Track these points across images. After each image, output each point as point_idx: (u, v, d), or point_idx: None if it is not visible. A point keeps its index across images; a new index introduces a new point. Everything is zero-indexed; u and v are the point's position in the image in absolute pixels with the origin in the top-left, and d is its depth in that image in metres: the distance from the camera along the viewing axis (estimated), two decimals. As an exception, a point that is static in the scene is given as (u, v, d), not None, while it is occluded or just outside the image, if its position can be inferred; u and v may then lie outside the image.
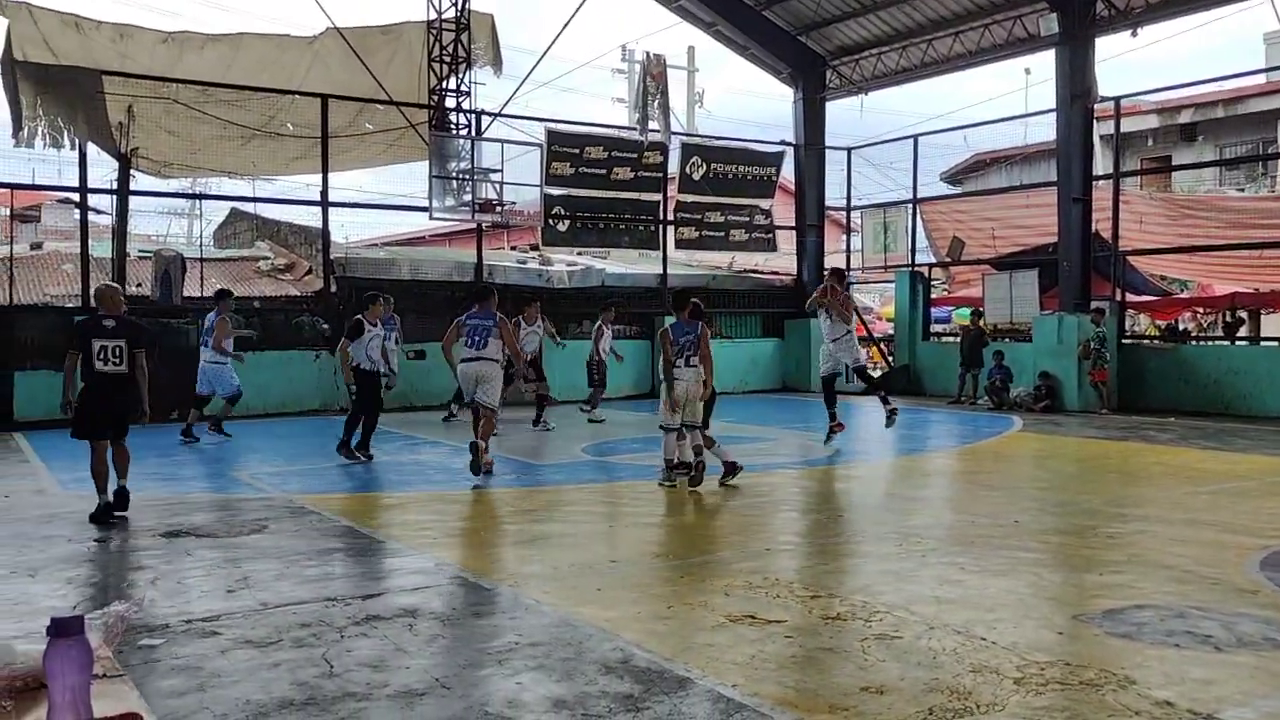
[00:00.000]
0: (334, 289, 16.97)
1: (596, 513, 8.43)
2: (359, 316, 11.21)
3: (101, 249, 16.67)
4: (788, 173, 22.41)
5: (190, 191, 19.56)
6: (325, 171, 16.70)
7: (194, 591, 5.53)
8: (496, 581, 5.76)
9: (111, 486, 7.66)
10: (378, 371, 11.26)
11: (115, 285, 8.76)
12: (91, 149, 15.28)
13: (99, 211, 18.41)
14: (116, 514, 7.57)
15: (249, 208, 20.95)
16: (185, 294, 16.15)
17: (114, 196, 16.06)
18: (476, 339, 9.79)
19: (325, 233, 16.95)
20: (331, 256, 17.06)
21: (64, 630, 1.49)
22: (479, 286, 12.36)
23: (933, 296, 21.92)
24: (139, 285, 16.66)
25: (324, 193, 16.80)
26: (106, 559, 6.38)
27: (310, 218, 18.38)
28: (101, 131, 15.38)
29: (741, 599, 5.33)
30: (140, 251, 18.11)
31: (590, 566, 6.14)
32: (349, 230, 19.82)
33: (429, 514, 8.24)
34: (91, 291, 15.06)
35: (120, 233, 15.81)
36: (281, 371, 16.07)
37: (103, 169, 16.13)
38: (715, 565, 6.13)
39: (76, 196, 15.79)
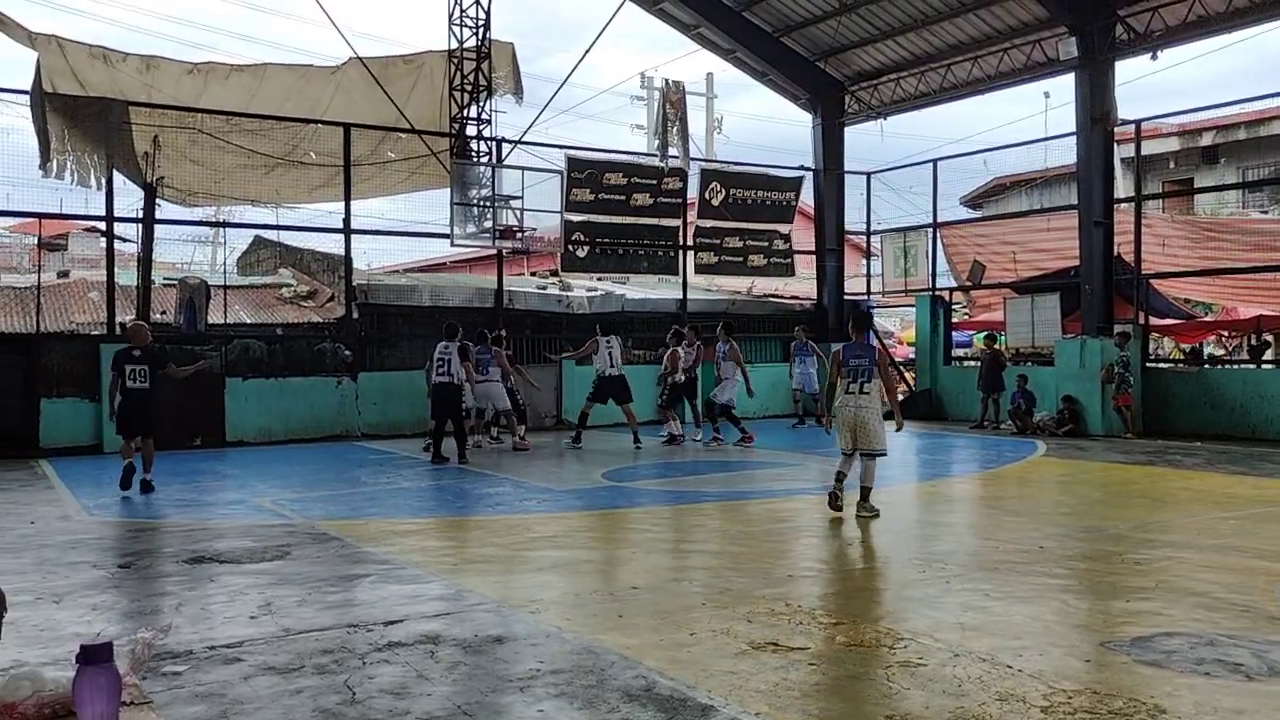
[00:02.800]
0: (356, 315, 17.07)
1: (617, 539, 8.41)
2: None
3: (127, 277, 16.86)
4: (807, 198, 22.44)
5: (214, 220, 19.75)
6: (348, 199, 16.86)
7: (217, 618, 5.55)
8: (517, 608, 5.75)
9: (137, 479, 10.46)
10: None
11: (142, 323, 11.48)
12: (118, 178, 15.49)
13: (125, 240, 18.67)
14: (145, 492, 10.36)
15: (272, 235, 21.13)
16: (210, 321, 16.30)
17: (140, 225, 16.26)
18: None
19: (348, 260, 17.08)
20: (354, 283, 17.18)
21: (93, 657, 1.50)
22: (446, 325, 13.94)
23: (954, 321, 21.83)
24: (163, 313, 16.83)
25: (346, 220, 16.95)
26: (131, 585, 6.41)
27: (333, 245, 18.54)
28: (128, 161, 15.59)
29: (764, 626, 5.29)
30: (165, 279, 18.29)
31: (611, 593, 6.11)
32: (371, 257, 19.95)
33: (450, 540, 8.25)
34: (117, 321, 15.29)
35: (146, 261, 15.99)
36: (304, 398, 16.16)
37: (129, 198, 16.36)
38: (737, 592, 6.09)
39: (103, 225, 16.00)
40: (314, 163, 17.17)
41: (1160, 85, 78.95)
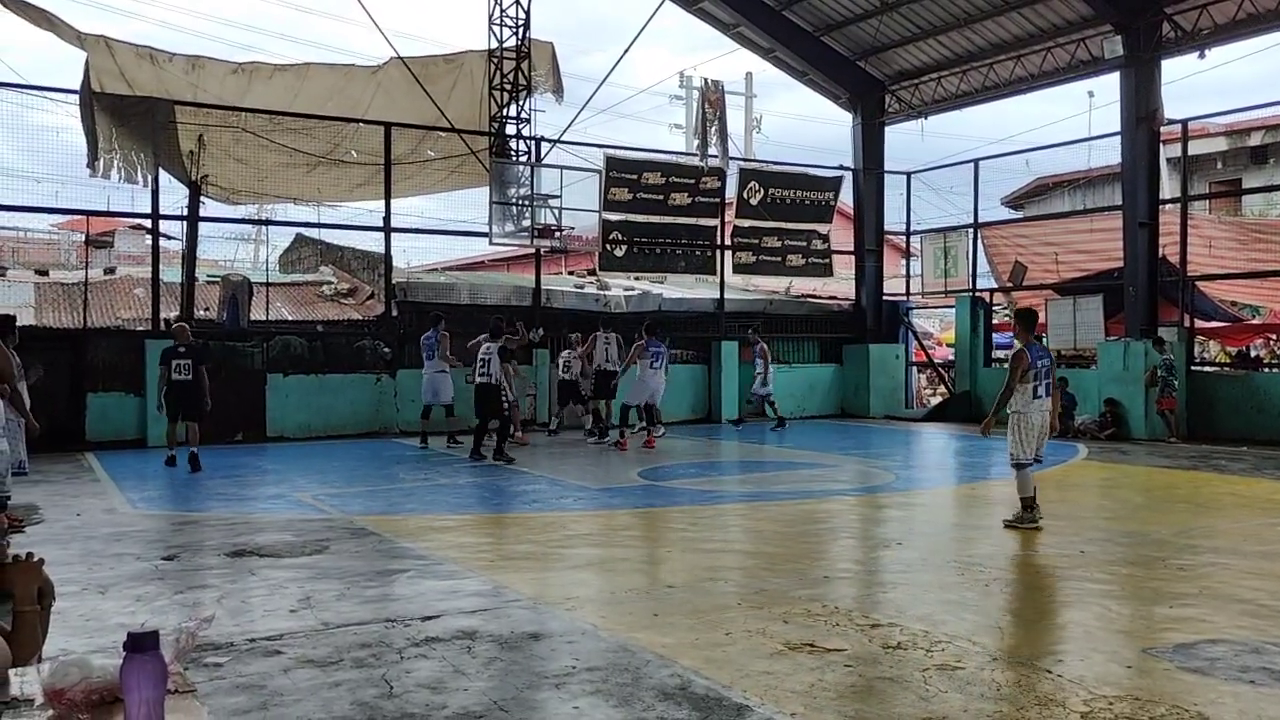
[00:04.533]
0: (395, 313, 17.22)
1: (653, 537, 8.42)
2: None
3: (171, 274, 17.12)
4: (846, 197, 22.31)
5: (257, 218, 20.01)
6: (388, 198, 17.00)
7: (257, 611, 5.62)
8: (553, 605, 5.77)
9: (184, 453, 12.08)
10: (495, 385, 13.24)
11: (184, 324, 12.92)
12: (163, 176, 15.73)
13: (169, 237, 18.95)
14: (193, 471, 11.81)
15: (313, 233, 21.37)
16: (252, 318, 16.51)
17: (184, 223, 16.51)
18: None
19: (387, 258, 17.23)
20: (393, 281, 17.33)
21: (140, 645, 1.53)
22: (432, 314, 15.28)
23: (994, 322, 21.61)
24: (206, 309, 17.07)
25: (386, 219, 17.11)
26: (174, 577, 6.51)
27: (373, 243, 18.72)
28: (173, 160, 15.83)
29: (800, 626, 5.27)
30: (208, 276, 18.56)
31: (647, 592, 6.12)
32: (410, 255, 20.20)
33: (487, 536, 8.29)
34: (162, 317, 15.55)
35: (190, 258, 16.22)
36: (343, 394, 16.32)
37: (174, 195, 16.61)
38: (773, 592, 6.08)
39: (149, 223, 16.25)
40: (355, 161, 17.33)
41: (1208, 84, 77.67)
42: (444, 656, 4.74)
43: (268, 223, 19.16)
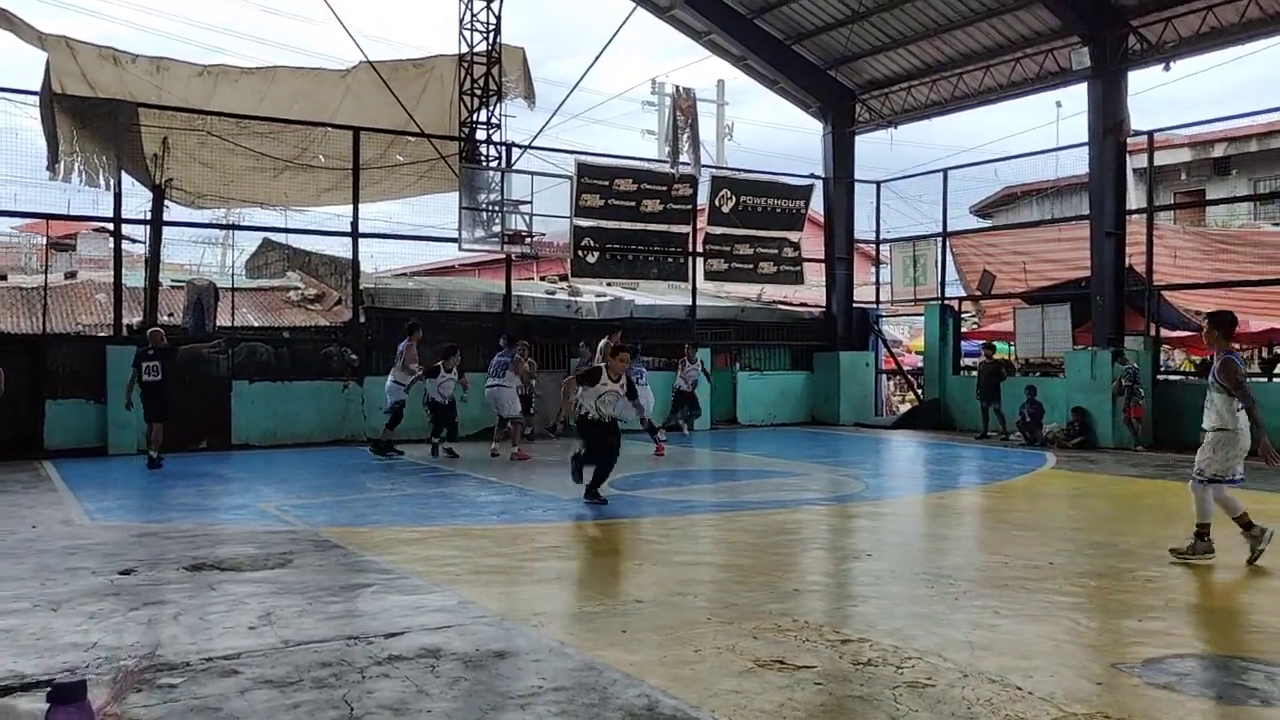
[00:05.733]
0: (363, 319, 17.04)
1: (622, 550, 8.33)
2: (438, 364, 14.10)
3: (135, 278, 16.85)
4: (817, 205, 22.37)
5: (223, 222, 19.76)
6: (356, 203, 16.84)
7: (216, 628, 5.48)
8: (520, 621, 5.67)
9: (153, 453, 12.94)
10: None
11: (159, 329, 13.69)
12: (126, 180, 15.49)
13: (134, 241, 18.65)
14: (151, 468, 12.68)
15: (280, 238, 21.14)
16: (217, 323, 16.29)
17: (148, 227, 16.25)
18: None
19: (355, 263, 17.06)
20: (361, 287, 17.15)
21: (65, 697, 1.43)
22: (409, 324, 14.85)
23: (963, 330, 21.73)
24: (170, 315, 16.83)
25: (354, 224, 16.94)
26: (130, 593, 6.35)
27: (340, 248, 18.53)
28: (137, 163, 15.59)
29: (770, 642, 5.21)
30: (173, 281, 18.30)
31: (615, 607, 6.04)
32: (378, 261, 19.95)
33: (453, 549, 8.18)
34: (124, 322, 15.32)
35: (154, 262, 15.98)
36: (310, 402, 16.13)
37: (137, 199, 16.37)
38: (744, 606, 6.01)
39: (111, 227, 15.99)
40: (323, 166, 17.16)
41: (1172, 96, 78.78)
42: (407, 676, 4.64)
43: (234, 227, 18.95)
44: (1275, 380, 19.35)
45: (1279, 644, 5.26)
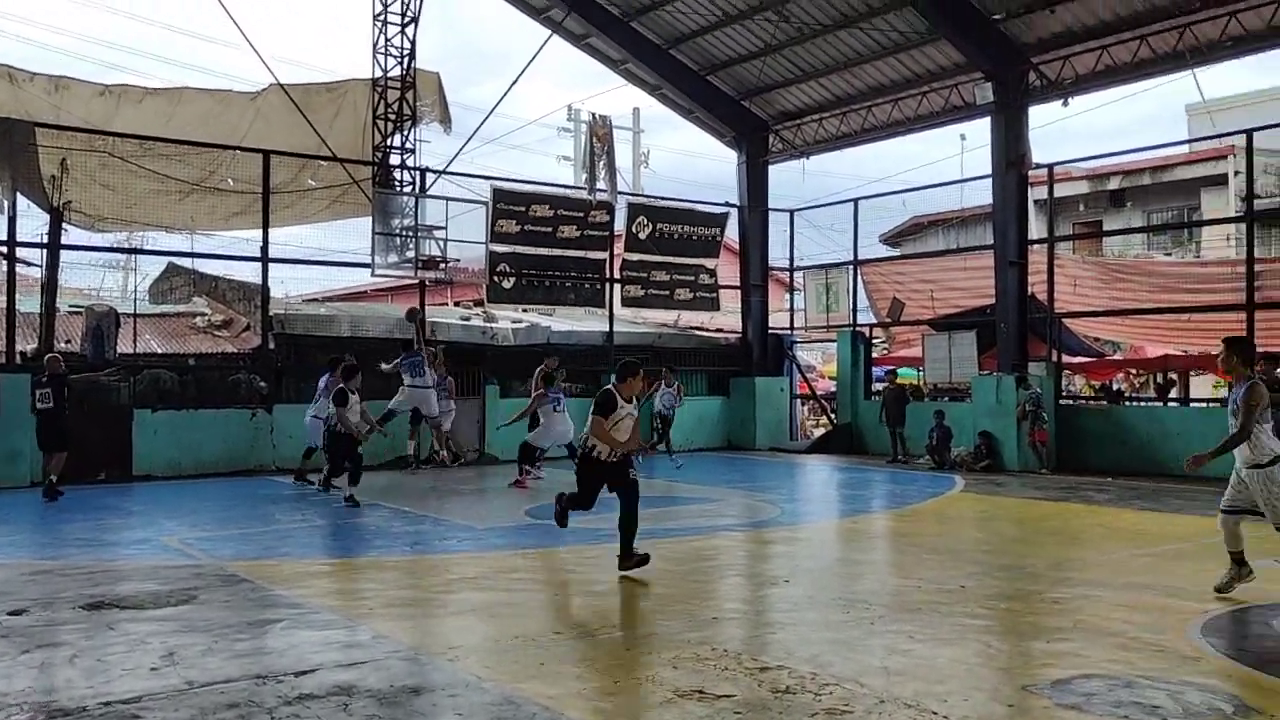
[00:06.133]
0: (272, 346, 16.66)
1: (539, 580, 8.25)
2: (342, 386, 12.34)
3: (30, 304, 16.20)
4: (732, 233, 22.65)
5: (125, 246, 19.14)
6: (266, 227, 16.49)
7: (115, 669, 5.26)
8: (436, 655, 5.57)
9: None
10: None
11: (57, 356, 13.23)
12: (21, 201, 14.93)
13: (30, 264, 17.93)
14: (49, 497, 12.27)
15: (186, 263, 20.56)
16: (119, 350, 15.74)
17: (44, 250, 15.66)
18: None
19: (265, 289, 16.67)
20: (270, 313, 16.77)
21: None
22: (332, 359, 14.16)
23: (874, 356, 22.15)
24: (68, 341, 16.19)
25: (264, 248, 16.58)
26: (21, 634, 6.05)
27: (250, 273, 18.09)
28: (33, 184, 15.04)
29: (690, 672, 5.20)
30: (71, 306, 17.62)
31: (533, 639, 5.96)
32: (289, 286, 19.58)
33: (366, 582, 8.00)
34: (17, 349, 14.71)
35: (50, 287, 15.39)
36: (216, 430, 15.67)
37: (33, 221, 15.75)
38: (662, 636, 5.99)
39: (4, 250, 15.35)
40: (231, 189, 16.78)
41: (1071, 130, 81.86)
42: (319, 715, 4.51)
43: (136, 251, 18.39)
44: (1170, 404, 20.15)
45: (1180, 663, 5.43)
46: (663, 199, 22.08)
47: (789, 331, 23.37)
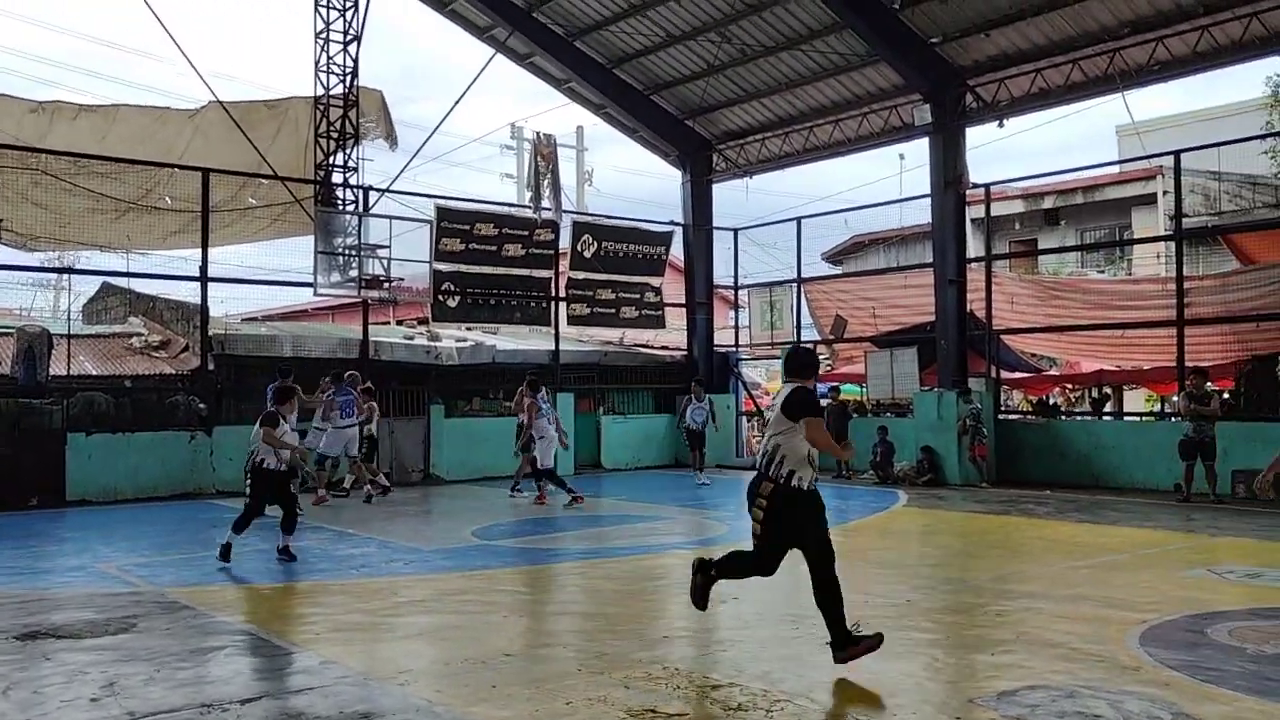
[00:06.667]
0: (212, 367, 16.38)
1: (488, 602, 8.19)
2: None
3: (-43, 325, 15.80)
4: (677, 251, 22.79)
5: (58, 265, 18.71)
6: (205, 246, 16.23)
7: (53, 701, 5.12)
8: (385, 680, 5.50)
9: None
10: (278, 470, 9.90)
11: None
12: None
13: (-43, 285, 17.47)
14: None
15: (122, 282, 20.15)
16: (51, 372, 15.36)
17: (-27, 270, 15.27)
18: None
19: (204, 309, 16.40)
20: (210, 333, 16.49)
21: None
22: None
23: (818, 373, 22.38)
24: (-2, 363, 15.78)
25: (203, 268, 16.31)
26: (-46, 666, 5.87)
27: (188, 293, 17.80)
28: (-39, 203, 14.67)
29: (642, 691, 5.21)
30: (1, 327, 17.18)
31: (483, 661, 5.93)
32: (229, 305, 19.20)
33: (312, 606, 7.89)
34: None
35: (-20, 308, 15.01)
36: (154, 453, 15.35)
37: (-39, 241, 15.37)
38: (614, 656, 5.99)
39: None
40: (169, 208, 16.52)
41: (1007, 150, 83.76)
42: (266, 744, 4.44)
43: (69, 271, 17.98)
44: (1105, 418, 20.62)
45: (1119, 673, 5.56)
46: (608, 217, 22.16)
47: (734, 349, 23.53)
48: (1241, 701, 5.02)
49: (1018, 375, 21.51)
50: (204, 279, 16.32)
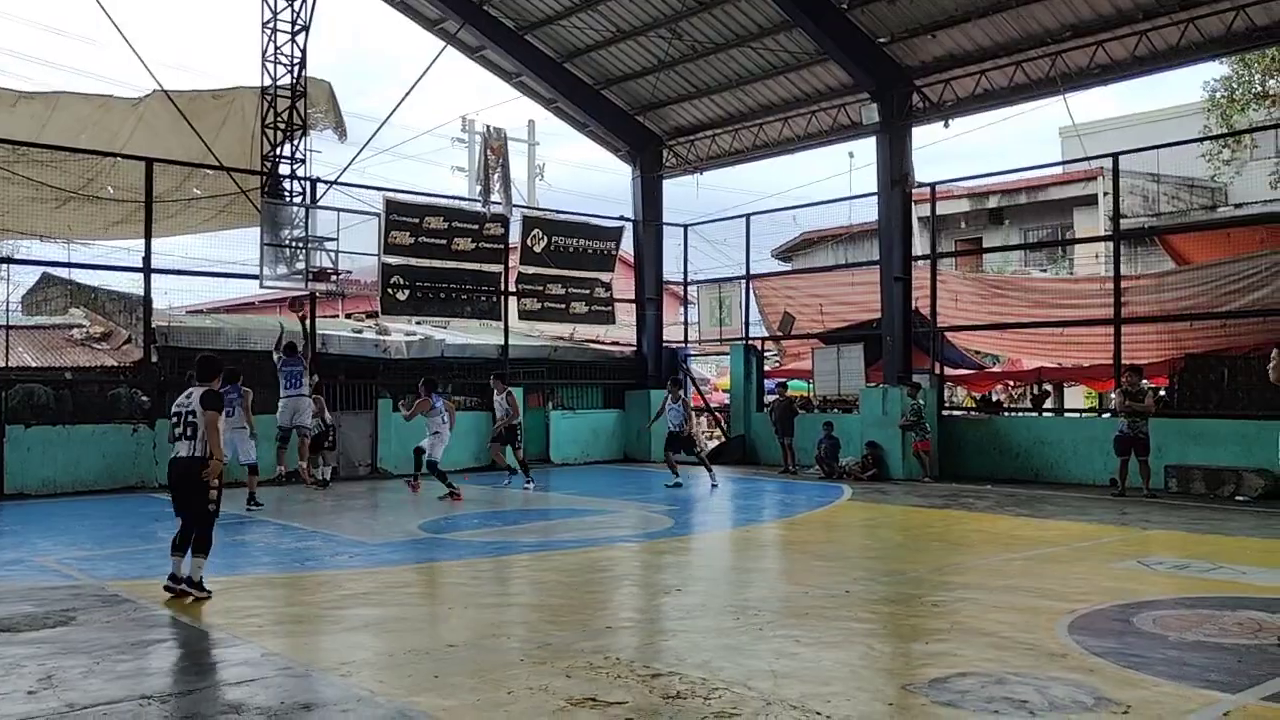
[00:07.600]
0: (155, 359, 16.15)
1: (432, 594, 8.23)
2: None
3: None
4: (627, 247, 22.86)
5: (-6, 254, 18.30)
6: (148, 237, 15.98)
7: (-12, 695, 5.08)
8: (327, 671, 5.52)
9: None
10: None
11: None
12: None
13: (-111, 274, 17.07)
14: None
15: (63, 273, 19.78)
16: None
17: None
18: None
19: (147, 300, 16.16)
20: (153, 325, 16.26)
21: None
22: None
23: (766, 369, 22.60)
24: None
25: (146, 259, 16.07)
26: (-115, 661, 5.79)
27: (131, 284, 17.50)
28: (-106, 190, 14.33)
29: (583, 680, 5.28)
30: (-65, 319, 16.80)
31: (427, 652, 5.96)
32: (172, 297, 18.87)
33: (255, 599, 7.85)
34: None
35: (-86, 298, 14.68)
36: (95, 446, 15.12)
37: (-105, 229, 15.01)
38: (556, 646, 6.06)
39: None
40: (111, 198, 16.24)
41: (953, 150, 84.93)
42: (206, 735, 4.45)
43: (8, 260, 17.56)
44: (1045, 415, 21.05)
45: (1048, 660, 5.74)
46: (558, 212, 22.17)
47: (683, 345, 23.67)
48: (1161, 686, 5.21)
49: (961, 372, 21.89)
50: (147, 270, 16.07)
